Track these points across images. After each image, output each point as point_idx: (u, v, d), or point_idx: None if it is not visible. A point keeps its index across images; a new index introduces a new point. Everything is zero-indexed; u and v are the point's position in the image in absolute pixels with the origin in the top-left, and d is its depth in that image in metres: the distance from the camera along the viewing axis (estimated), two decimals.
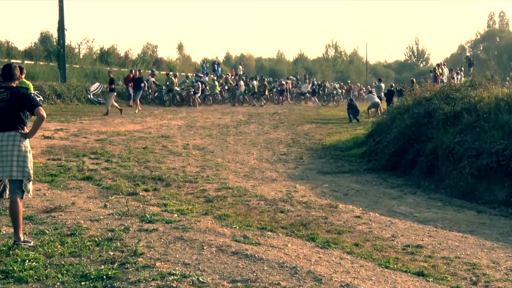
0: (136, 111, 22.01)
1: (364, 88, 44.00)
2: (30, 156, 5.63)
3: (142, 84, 24.08)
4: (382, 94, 26.47)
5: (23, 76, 11.09)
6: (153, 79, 28.75)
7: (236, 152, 14.57)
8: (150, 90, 28.48)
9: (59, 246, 5.46)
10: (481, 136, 11.06)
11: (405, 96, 17.56)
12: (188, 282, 4.67)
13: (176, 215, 7.26)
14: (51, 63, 29.93)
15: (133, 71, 28.49)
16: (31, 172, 5.64)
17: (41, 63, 30.78)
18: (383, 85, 28.83)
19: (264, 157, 14.06)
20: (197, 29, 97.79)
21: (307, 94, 36.29)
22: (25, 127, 5.64)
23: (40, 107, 5.62)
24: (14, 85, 5.71)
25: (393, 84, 30.37)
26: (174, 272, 4.86)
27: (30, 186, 5.70)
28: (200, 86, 29.26)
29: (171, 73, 31.26)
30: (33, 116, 5.73)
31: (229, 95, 32.52)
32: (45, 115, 5.63)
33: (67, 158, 11.18)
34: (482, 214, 9.33)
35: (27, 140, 5.63)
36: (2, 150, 5.48)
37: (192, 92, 28.99)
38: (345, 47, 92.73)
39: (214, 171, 11.48)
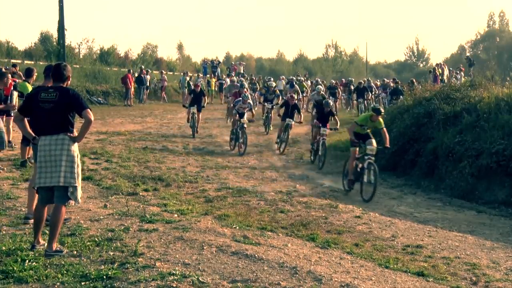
0: None
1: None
2: (77, 161, 5.31)
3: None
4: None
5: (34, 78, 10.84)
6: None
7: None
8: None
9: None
10: (481, 136, 11.05)
11: (405, 96, 17.55)
12: (188, 282, 4.67)
13: (176, 215, 7.26)
14: (51, 63, 29.86)
15: (131, 70, 28.41)
16: (79, 179, 5.30)
17: (41, 63, 30.66)
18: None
19: (264, 157, 14.05)
20: (197, 29, 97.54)
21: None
22: (73, 130, 5.34)
23: (88, 110, 5.27)
24: (64, 85, 5.39)
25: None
26: (174, 272, 4.86)
27: (78, 193, 5.32)
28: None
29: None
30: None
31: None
32: (92, 118, 5.27)
33: None
34: (482, 214, 9.33)
35: (76, 144, 5.33)
36: (51, 155, 5.18)
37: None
38: (345, 47, 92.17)
39: (214, 171, 11.48)
